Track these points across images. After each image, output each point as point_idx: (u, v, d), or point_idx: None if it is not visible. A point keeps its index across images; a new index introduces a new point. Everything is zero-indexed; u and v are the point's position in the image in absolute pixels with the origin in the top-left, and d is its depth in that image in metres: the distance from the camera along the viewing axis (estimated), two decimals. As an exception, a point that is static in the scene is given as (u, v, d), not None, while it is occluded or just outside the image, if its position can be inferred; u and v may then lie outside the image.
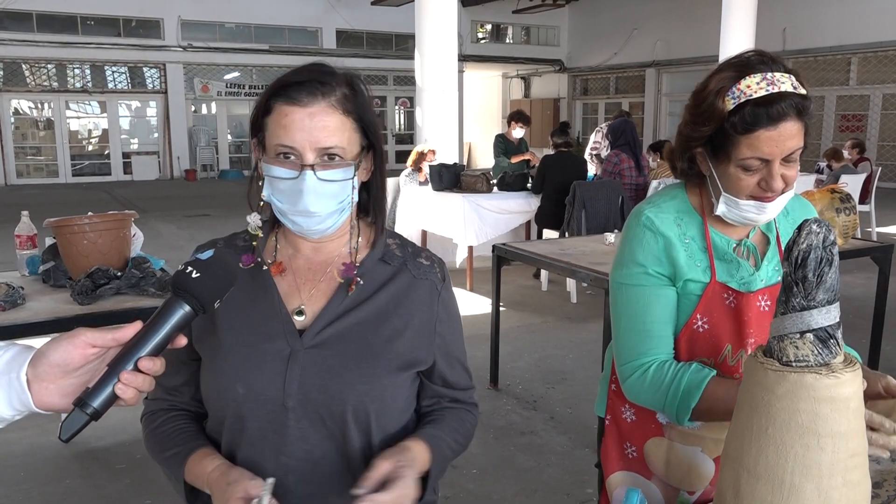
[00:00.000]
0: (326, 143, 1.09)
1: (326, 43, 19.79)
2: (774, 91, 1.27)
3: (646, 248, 1.41)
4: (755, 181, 1.31)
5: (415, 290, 1.21)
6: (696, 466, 1.47)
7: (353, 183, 1.13)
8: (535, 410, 3.95)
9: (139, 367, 0.83)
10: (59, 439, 0.83)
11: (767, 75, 1.29)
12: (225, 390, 1.15)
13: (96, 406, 0.81)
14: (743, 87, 1.29)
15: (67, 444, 3.44)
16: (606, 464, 1.59)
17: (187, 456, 1.16)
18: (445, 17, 8.62)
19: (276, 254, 1.23)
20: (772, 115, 1.26)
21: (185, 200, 13.88)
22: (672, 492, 1.51)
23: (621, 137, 6.62)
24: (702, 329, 1.40)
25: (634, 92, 21.49)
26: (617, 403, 1.57)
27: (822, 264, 0.93)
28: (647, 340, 1.40)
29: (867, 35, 15.53)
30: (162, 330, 0.85)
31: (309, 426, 1.13)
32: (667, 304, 1.41)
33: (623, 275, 1.45)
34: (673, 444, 1.48)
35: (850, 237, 4.14)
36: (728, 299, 1.39)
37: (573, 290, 6.25)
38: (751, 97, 1.27)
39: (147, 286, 2.75)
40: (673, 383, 1.35)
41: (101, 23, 17.68)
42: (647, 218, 1.42)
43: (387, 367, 1.16)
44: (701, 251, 1.41)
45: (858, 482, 0.96)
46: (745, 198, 1.33)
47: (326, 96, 1.10)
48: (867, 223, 8.75)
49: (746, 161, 1.30)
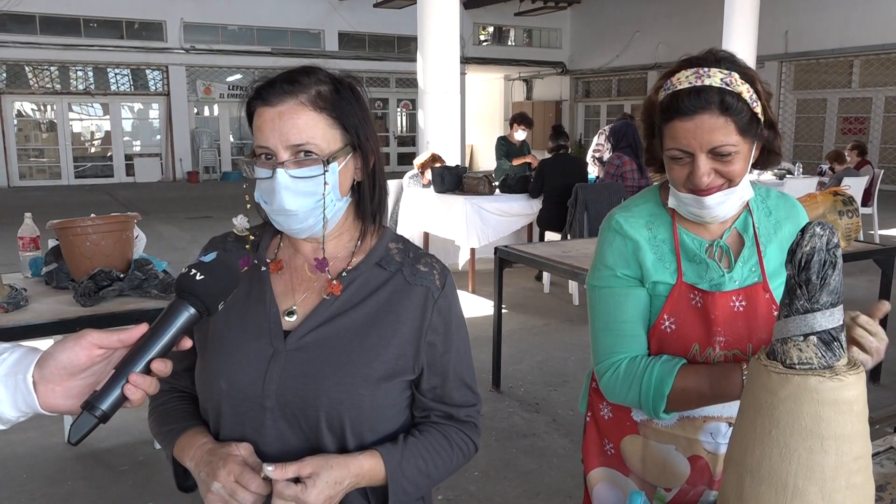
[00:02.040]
0: (296, 140, 1.09)
1: (329, 45, 19.82)
2: (697, 84, 1.28)
3: (615, 251, 1.45)
4: (685, 173, 1.33)
5: (407, 297, 1.18)
6: (671, 464, 1.48)
7: (325, 179, 1.10)
8: (538, 413, 3.95)
9: (151, 368, 0.83)
10: (68, 442, 0.84)
11: (701, 70, 1.30)
12: (210, 384, 1.17)
13: (105, 409, 0.82)
14: (674, 80, 1.32)
15: (70, 446, 3.45)
16: (587, 460, 1.62)
17: (181, 432, 1.19)
18: (447, 19, 8.62)
19: (277, 252, 1.24)
20: (684, 106, 1.28)
21: (187, 202, 13.90)
22: (649, 489, 1.52)
23: (623, 140, 6.61)
24: (669, 329, 1.42)
25: (636, 94, 21.48)
26: (596, 401, 1.60)
27: (826, 267, 0.93)
28: (619, 339, 1.43)
29: (869, 37, 15.52)
30: (168, 332, 0.86)
31: (286, 427, 1.13)
32: (637, 304, 1.43)
33: (595, 277, 1.49)
34: (647, 442, 1.50)
35: (853, 240, 4.13)
36: (694, 299, 1.40)
37: (575, 293, 6.25)
38: (676, 89, 1.30)
39: (150, 288, 2.76)
40: (645, 374, 1.37)
41: (104, 25, 17.72)
42: (616, 222, 1.46)
43: (367, 375, 1.13)
44: (671, 253, 1.43)
45: (862, 485, 0.96)
46: (683, 190, 1.36)
47: (296, 94, 1.10)
48: (870, 226, 8.75)
49: (670, 151, 1.33)
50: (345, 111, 1.13)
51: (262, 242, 1.25)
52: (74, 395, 0.83)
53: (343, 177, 1.14)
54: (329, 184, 1.10)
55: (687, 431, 1.46)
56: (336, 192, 1.13)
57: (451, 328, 1.21)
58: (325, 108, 1.11)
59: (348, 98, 1.14)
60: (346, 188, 1.16)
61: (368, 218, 1.20)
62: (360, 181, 1.19)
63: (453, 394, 1.24)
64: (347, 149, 1.14)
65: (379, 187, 1.21)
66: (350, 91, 1.15)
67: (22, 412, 0.84)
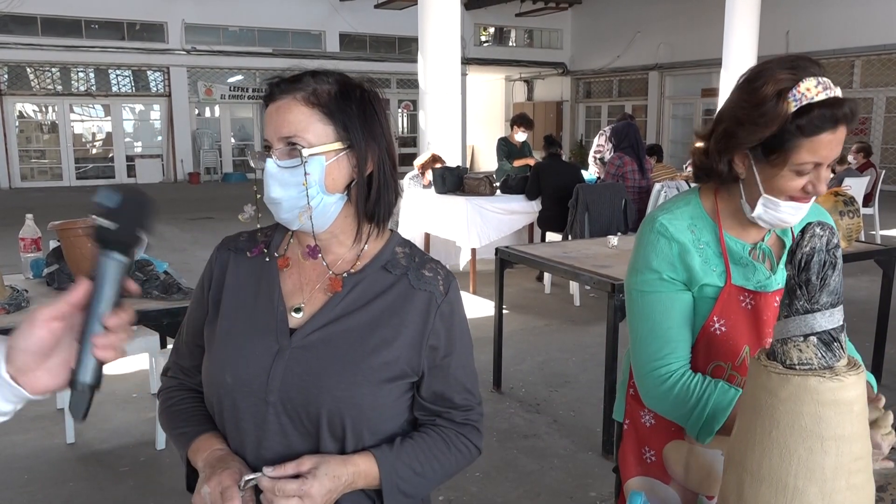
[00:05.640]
0: (285, 132, 1.13)
1: (330, 46, 19.83)
2: (832, 95, 1.28)
3: (660, 254, 1.41)
4: (803, 184, 1.32)
5: (411, 301, 1.20)
6: (717, 470, 1.45)
7: (305, 169, 1.12)
8: (539, 413, 3.95)
9: (107, 326, 0.82)
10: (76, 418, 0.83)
11: (821, 79, 1.29)
12: (215, 377, 1.19)
13: (89, 381, 0.81)
14: (803, 90, 1.28)
15: (71, 447, 3.46)
16: (624, 469, 1.58)
17: (194, 437, 1.21)
18: (448, 20, 8.62)
19: (286, 248, 1.26)
20: (836, 118, 1.27)
21: (188, 203, 13.90)
22: (691, 496, 1.50)
23: (624, 140, 6.61)
24: (719, 332, 1.40)
25: (637, 95, 21.49)
26: (635, 408, 1.56)
27: (826, 267, 0.93)
28: (664, 345, 1.40)
29: (871, 38, 15.51)
30: (105, 286, 0.83)
31: (288, 423, 1.15)
32: (683, 308, 1.41)
33: (639, 281, 1.44)
34: (693, 448, 1.47)
35: (854, 240, 4.13)
36: (745, 301, 1.39)
37: (576, 293, 6.25)
38: (812, 100, 1.27)
39: (151, 289, 2.76)
40: (699, 404, 1.34)
41: (106, 26, 17.73)
42: (660, 224, 1.42)
43: (369, 376, 1.15)
44: (716, 256, 1.41)
45: (862, 485, 0.96)
46: (785, 199, 1.34)
47: (292, 92, 1.14)
48: (871, 226, 8.74)
49: (804, 164, 1.30)
50: (341, 109, 1.14)
51: (273, 240, 1.27)
52: (58, 372, 0.83)
53: (334, 174, 1.15)
54: (310, 174, 1.12)
55: None
56: (321, 186, 1.14)
57: (453, 333, 1.23)
58: (318, 105, 1.14)
59: (351, 98, 1.15)
60: (337, 186, 1.16)
61: (363, 218, 1.20)
62: (356, 181, 1.19)
63: (454, 397, 1.25)
64: (339, 146, 1.15)
65: (378, 190, 1.20)
66: (360, 94, 1.17)
67: (14, 403, 0.83)
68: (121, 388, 4.17)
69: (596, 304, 6.06)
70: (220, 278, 1.26)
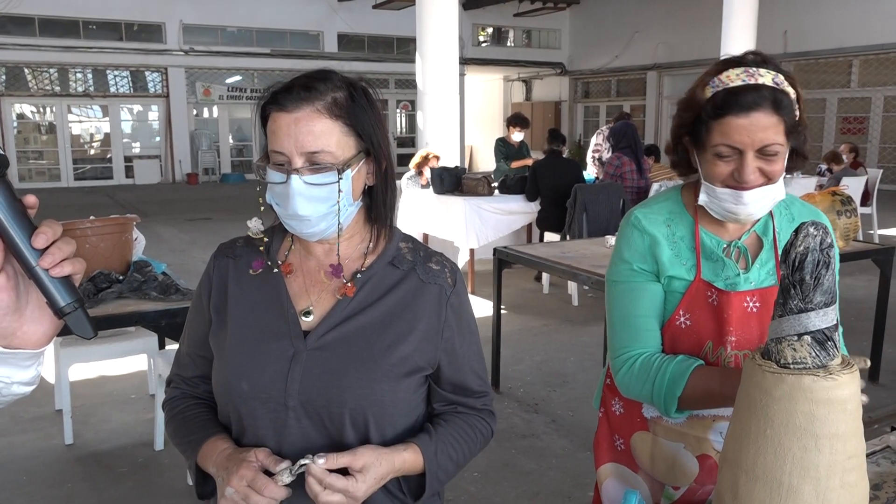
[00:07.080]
0: (311, 147, 1.10)
1: (328, 46, 19.83)
2: (751, 82, 1.30)
3: (632, 245, 1.46)
4: (729, 170, 1.34)
5: (422, 295, 1.21)
6: (680, 463, 1.49)
7: (339, 186, 1.11)
8: (537, 413, 3.95)
9: (35, 247, 0.79)
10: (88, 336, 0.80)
11: (750, 69, 1.32)
12: (230, 386, 1.18)
13: (68, 301, 0.79)
14: (723, 77, 1.33)
15: (70, 448, 3.46)
16: (597, 454, 1.66)
17: (202, 442, 1.21)
18: (446, 20, 8.62)
19: (287, 254, 1.25)
20: (742, 103, 1.28)
21: (186, 204, 13.90)
22: (658, 486, 1.54)
23: (623, 140, 6.62)
24: (684, 325, 1.43)
25: (636, 95, 21.50)
26: (608, 396, 1.63)
27: (819, 267, 0.94)
28: (634, 334, 1.45)
29: (868, 37, 15.53)
30: (3, 213, 0.81)
31: (310, 426, 1.15)
32: (652, 298, 1.44)
33: (612, 272, 1.51)
34: (657, 439, 1.52)
35: (852, 239, 4.14)
36: (711, 297, 1.41)
37: (574, 293, 6.26)
38: (727, 86, 1.31)
39: (149, 290, 2.76)
40: (659, 373, 1.38)
41: (103, 27, 17.73)
42: (635, 217, 1.48)
43: (388, 371, 1.17)
44: (689, 250, 1.44)
45: (856, 483, 0.97)
46: (719, 185, 1.36)
47: (312, 102, 1.11)
48: (869, 225, 8.76)
49: (718, 148, 1.32)
50: (359, 118, 1.15)
51: (272, 245, 1.26)
52: (40, 315, 0.81)
53: (356, 182, 1.16)
54: (343, 191, 1.12)
55: (696, 430, 1.47)
56: (349, 197, 1.15)
57: (463, 323, 1.26)
58: (341, 116, 1.12)
59: (362, 104, 1.16)
60: (358, 192, 1.18)
61: (382, 220, 1.23)
62: (371, 185, 1.21)
63: (471, 385, 1.29)
64: (361, 155, 1.15)
65: (391, 190, 1.23)
66: (364, 96, 1.17)
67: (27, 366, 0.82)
68: (119, 389, 4.16)
69: (594, 304, 6.07)
70: (221, 287, 1.25)
